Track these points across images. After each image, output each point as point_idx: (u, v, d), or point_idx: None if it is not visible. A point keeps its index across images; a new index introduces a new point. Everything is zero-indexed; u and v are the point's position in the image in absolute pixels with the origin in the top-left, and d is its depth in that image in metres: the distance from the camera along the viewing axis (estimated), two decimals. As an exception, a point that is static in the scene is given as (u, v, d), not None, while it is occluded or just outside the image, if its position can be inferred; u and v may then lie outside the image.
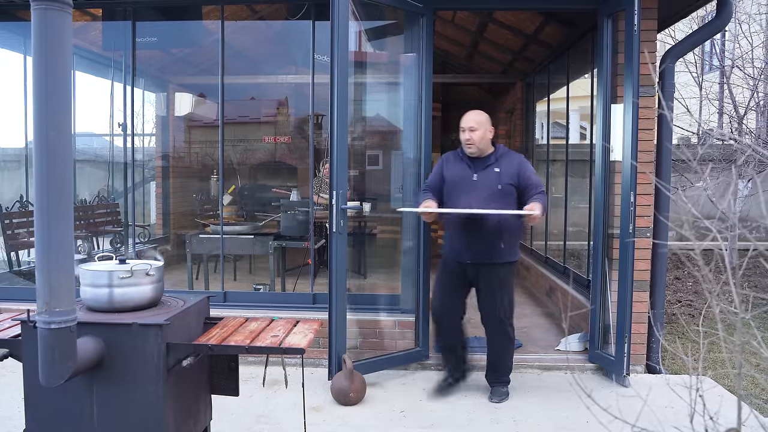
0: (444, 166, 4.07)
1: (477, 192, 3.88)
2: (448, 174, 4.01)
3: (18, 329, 2.42)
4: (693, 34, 4.68)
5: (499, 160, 3.95)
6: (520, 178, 3.88)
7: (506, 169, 3.90)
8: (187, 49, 7.24)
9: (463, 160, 4.01)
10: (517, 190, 3.89)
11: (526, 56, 7.78)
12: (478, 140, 3.90)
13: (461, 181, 3.95)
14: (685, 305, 6.79)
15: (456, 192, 3.95)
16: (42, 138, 1.90)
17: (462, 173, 3.97)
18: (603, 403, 1.73)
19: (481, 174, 3.92)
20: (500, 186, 3.87)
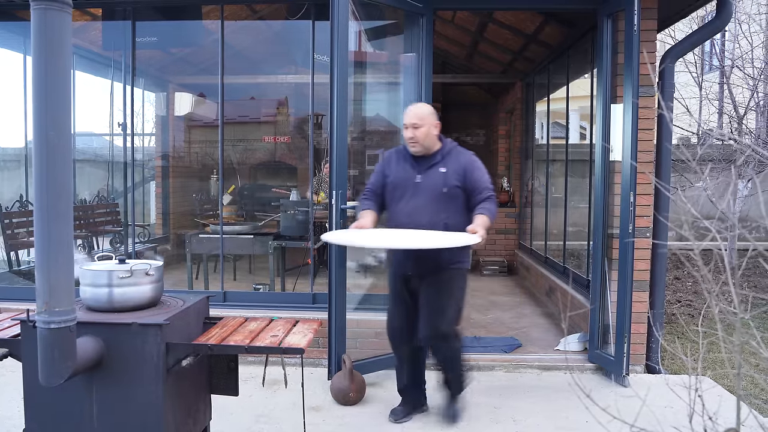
0: (386, 166, 3.67)
1: (420, 196, 3.50)
2: (390, 175, 3.61)
3: (18, 329, 2.42)
4: (693, 34, 4.68)
5: (445, 158, 3.55)
6: (467, 178, 3.51)
7: (453, 169, 3.51)
8: (187, 49, 7.24)
9: (407, 159, 3.60)
10: (464, 192, 3.53)
11: (526, 56, 7.78)
12: (422, 137, 3.49)
13: (403, 184, 3.55)
14: (684, 305, 6.79)
15: (398, 196, 3.56)
16: (42, 137, 1.90)
17: (404, 174, 3.56)
18: (602, 403, 1.73)
19: (426, 175, 3.52)
20: (446, 189, 3.48)
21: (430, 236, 3.33)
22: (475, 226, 3.31)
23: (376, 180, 3.68)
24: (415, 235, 3.38)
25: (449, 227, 3.44)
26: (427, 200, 3.47)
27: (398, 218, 3.54)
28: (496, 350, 4.91)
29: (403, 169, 3.58)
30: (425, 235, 3.35)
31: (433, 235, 3.34)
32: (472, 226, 3.31)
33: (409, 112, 3.54)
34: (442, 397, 3.78)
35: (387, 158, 3.70)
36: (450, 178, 3.48)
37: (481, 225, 3.32)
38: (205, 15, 5.66)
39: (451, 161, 3.53)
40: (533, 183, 8.26)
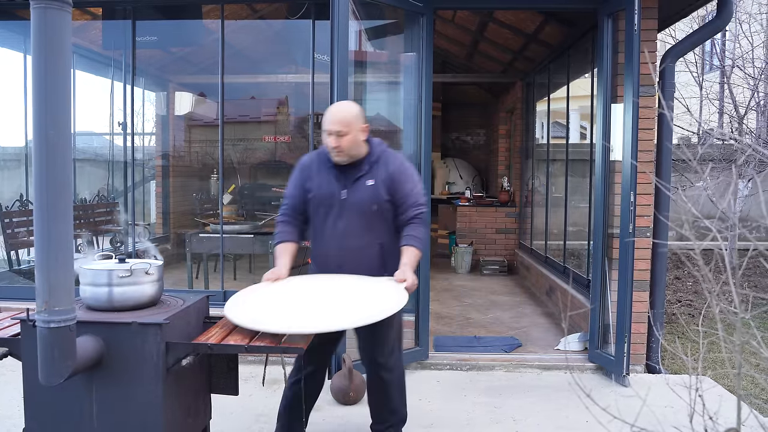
0: (306, 177, 3.04)
1: (348, 215, 2.93)
2: (312, 189, 3.00)
3: (17, 328, 2.42)
4: (693, 34, 4.68)
5: (373, 167, 2.96)
6: (395, 191, 2.95)
7: (381, 180, 2.95)
8: (187, 48, 7.24)
9: (330, 169, 2.97)
10: (393, 206, 2.98)
11: (527, 56, 7.78)
12: (347, 146, 2.88)
13: (328, 201, 2.96)
14: (685, 305, 6.79)
15: (322, 214, 2.99)
16: (41, 137, 1.90)
17: (328, 189, 2.96)
18: (602, 403, 1.72)
19: (352, 190, 2.94)
20: (376, 206, 2.93)
21: (354, 298, 2.70)
22: (404, 270, 2.81)
23: (295, 194, 3.06)
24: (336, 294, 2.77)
25: (384, 248, 2.98)
26: (356, 220, 2.93)
27: (326, 243, 3.00)
28: (496, 350, 4.91)
29: (327, 182, 2.97)
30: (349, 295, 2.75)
31: (359, 293, 2.76)
32: (400, 273, 2.80)
33: (330, 116, 2.88)
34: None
35: (306, 167, 3.07)
36: (379, 192, 2.94)
37: (409, 266, 2.83)
38: (205, 14, 5.66)
39: (380, 170, 2.96)
40: (533, 182, 8.26)
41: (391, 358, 3.09)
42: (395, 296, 2.67)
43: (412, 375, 4.52)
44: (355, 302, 2.66)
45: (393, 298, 2.65)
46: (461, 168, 11.33)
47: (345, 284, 2.87)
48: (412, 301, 4.71)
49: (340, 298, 2.73)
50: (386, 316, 2.54)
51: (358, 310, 2.57)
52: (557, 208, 6.96)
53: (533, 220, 8.27)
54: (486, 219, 9.20)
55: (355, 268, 2.94)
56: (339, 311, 2.57)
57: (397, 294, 2.69)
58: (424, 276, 4.65)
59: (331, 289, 2.83)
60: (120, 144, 5.99)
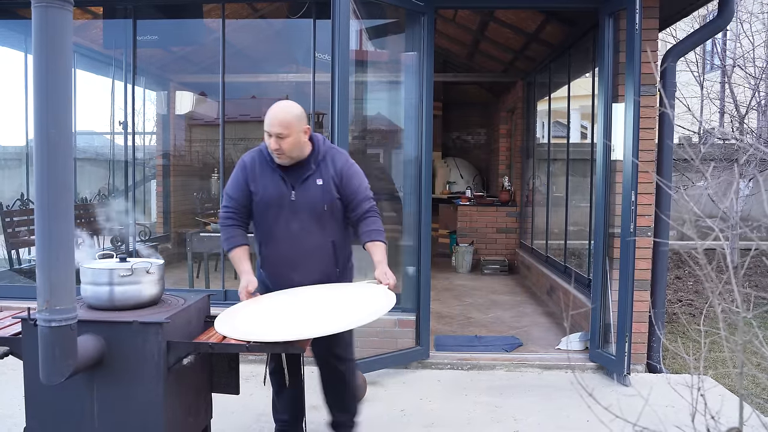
0: (249, 178, 2.95)
1: (299, 217, 2.90)
2: (258, 191, 2.94)
3: (18, 327, 2.42)
4: (694, 33, 4.68)
5: (320, 166, 2.93)
6: (344, 187, 2.94)
7: (329, 178, 2.93)
8: (188, 48, 7.24)
9: (275, 170, 2.91)
10: (342, 203, 2.97)
11: (527, 55, 7.77)
12: (290, 149, 2.82)
13: (277, 203, 2.91)
14: (686, 304, 6.79)
15: (272, 217, 2.94)
16: (42, 136, 1.90)
17: (276, 191, 2.91)
18: (604, 402, 1.72)
19: (301, 191, 2.90)
20: (326, 206, 2.91)
21: (344, 303, 2.73)
22: (383, 270, 2.83)
23: (238, 195, 2.98)
24: (325, 302, 2.77)
25: (336, 246, 2.99)
26: (308, 221, 2.91)
27: (279, 245, 2.96)
28: (496, 349, 4.91)
29: (273, 183, 2.91)
30: (338, 301, 2.76)
31: (347, 298, 2.79)
32: (380, 274, 2.83)
33: (271, 117, 2.80)
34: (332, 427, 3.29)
35: (249, 167, 2.97)
36: (328, 191, 2.92)
37: (384, 263, 2.86)
38: (206, 13, 5.66)
39: (327, 169, 2.94)
40: (534, 182, 8.26)
41: (348, 350, 3.16)
42: (383, 296, 2.68)
43: (413, 374, 4.52)
44: (347, 306, 2.68)
45: (382, 298, 2.66)
46: (462, 167, 11.33)
47: (330, 293, 2.87)
48: (412, 301, 4.72)
49: (330, 305, 2.73)
50: (380, 316, 2.54)
51: (351, 312, 2.59)
52: (558, 208, 6.96)
53: (534, 220, 8.27)
54: (487, 218, 9.19)
55: (310, 267, 2.95)
56: (333, 316, 2.58)
57: (384, 294, 2.70)
58: (425, 275, 4.65)
59: (318, 298, 2.83)
60: (121, 143, 5.99)
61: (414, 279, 4.72)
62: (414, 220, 4.72)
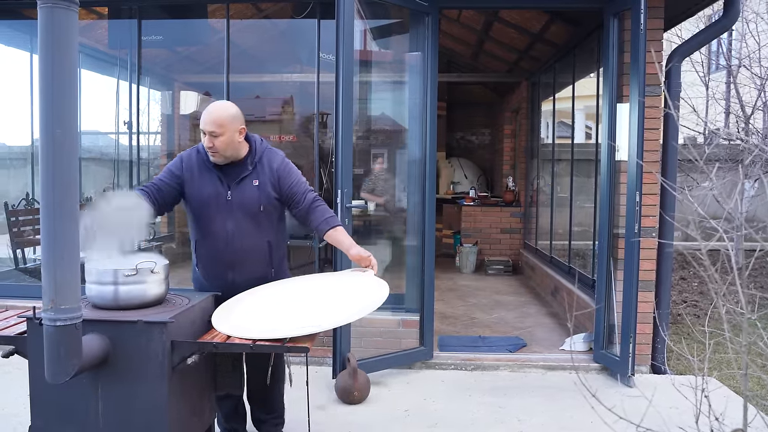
0: (185, 173, 2.96)
1: (235, 217, 2.93)
2: (194, 190, 2.95)
3: (24, 326, 2.42)
4: (700, 33, 4.66)
5: (257, 167, 2.97)
6: (283, 187, 2.99)
7: (266, 179, 2.97)
8: (193, 48, 7.25)
9: (211, 169, 2.93)
10: (281, 202, 3.02)
11: (532, 55, 7.76)
12: (223, 147, 2.84)
13: (214, 202, 2.92)
14: (690, 305, 6.77)
15: (207, 216, 2.95)
16: (48, 135, 1.90)
17: (213, 190, 2.92)
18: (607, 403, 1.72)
19: (237, 191, 2.92)
20: (262, 207, 2.94)
21: (341, 295, 2.74)
22: (357, 251, 2.89)
23: (165, 180, 2.95)
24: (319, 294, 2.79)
25: (272, 247, 3.03)
26: (243, 221, 2.94)
27: (215, 244, 2.97)
28: (500, 350, 4.91)
29: (210, 182, 2.93)
30: (334, 293, 2.78)
31: (341, 289, 2.82)
32: (356, 254, 2.88)
33: (206, 116, 2.83)
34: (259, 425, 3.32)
35: (187, 164, 2.98)
36: (265, 192, 2.96)
37: (355, 243, 2.94)
38: (210, 14, 5.67)
39: (264, 169, 2.98)
40: (538, 182, 8.25)
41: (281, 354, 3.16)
42: (377, 285, 2.72)
43: (417, 374, 4.53)
44: (344, 298, 2.69)
45: (376, 287, 2.70)
46: (466, 168, 11.32)
47: (322, 283, 2.92)
48: (416, 301, 4.73)
49: (326, 297, 2.75)
50: (380, 305, 2.55)
51: (351, 304, 2.60)
52: (562, 208, 6.95)
53: (538, 220, 8.26)
54: (491, 219, 9.19)
55: (246, 267, 2.97)
56: (333, 308, 2.60)
57: (376, 282, 2.74)
58: (429, 276, 4.65)
59: (311, 290, 2.85)
60: (125, 143, 6.00)
61: (418, 279, 4.72)
62: (418, 220, 4.72)
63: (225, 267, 2.97)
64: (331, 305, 2.65)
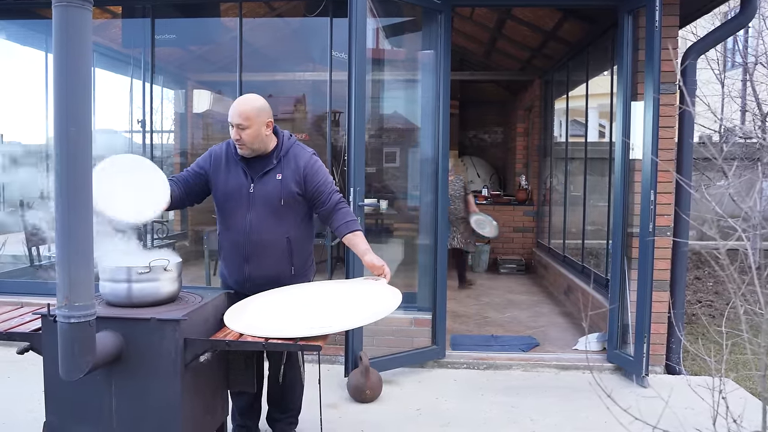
0: (213, 165, 3.03)
1: (256, 209, 2.95)
2: (219, 181, 3.00)
3: (38, 323, 2.44)
4: (715, 31, 4.61)
5: (281, 161, 2.97)
6: (308, 184, 2.98)
7: (290, 174, 2.96)
8: (206, 47, 7.28)
9: (238, 162, 2.98)
10: (305, 200, 3.01)
11: (545, 53, 7.72)
12: (250, 140, 2.87)
13: (237, 194, 2.96)
14: (705, 305, 6.71)
15: (231, 208, 2.99)
16: (62, 134, 1.91)
17: (237, 182, 2.97)
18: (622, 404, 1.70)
19: (259, 184, 2.95)
20: (283, 200, 2.94)
21: (353, 299, 2.77)
22: (371, 258, 2.88)
23: (194, 171, 3.05)
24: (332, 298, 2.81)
25: (291, 242, 3.00)
26: (264, 214, 2.95)
27: (235, 235, 3.00)
28: (513, 349, 4.89)
29: (235, 176, 2.98)
30: (346, 298, 2.80)
31: (353, 294, 2.85)
32: (374, 262, 2.88)
33: (233, 109, 2.88)
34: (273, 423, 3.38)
35: (216, 157, 3.04)
36: (288, 186, 2.95)
37: (371, 251, 2.92)
38: (223, 12, 5.69)
39: (289, 164, 2.98)
40: (551, 181, 8.21)
41: (301, 356, 3.19)
42: (389, 291, 2.73)
43: (429, 373, 4.51)
44: (357, 303, 2.71)
45: (389, 293, 2.71)
46: (479, 166, 11.28)
47: (334, 289, 2.95)
48: (428, 300, 4.71)
49: (338, 301, 2.76)
50: (392, 310, 2.55)
51: (364, 308, 2.62)
52: (576, 207, 6.91)
53: (551, 219, 8.21)
54: (503, 217, 9.15)
55: (262, 260, 2.98)
56: (345, 312, 2.62)
57: (388, 290, 2.75)
58: (441, 275, 4.64)
59: (323, 294, 2.88)
60: (139, 141, 6.04)
61: (430, 278, 4.71)
62: (430, 219, 4.70)
63: (242, 259, 2.99)
64: (343, 309, 2.66)
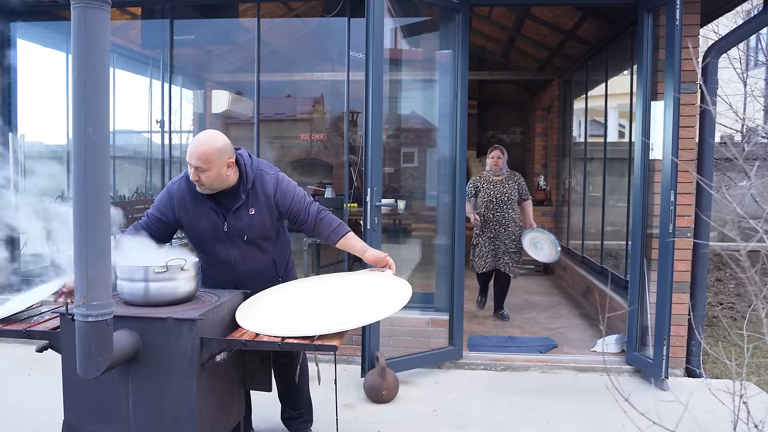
0: (177, 205, 2.89)
1: (236, 246, 2.90)
2: (189, 223, 2.89)
3: (58, 321, 2.46)
4: (738, 29, 4.55)
5: (250, 195, 2.86)
6: (281, 207, 2.91)
7: (262, 204, 2.88)
8: (224, 47, 7.32)
9: (205, 201, 2.85)
10: (281, 220, 2.99)
11: (564, 53, 7.67)
12: (209, 182, 2.74)
13: (212, 234, 2.88)
14: (726, 308, 6.62)
15: (208, 246, 2.93)
16: (80, 135, 1.93)
17: (209, 222, 2.87)
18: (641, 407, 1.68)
19: (233, 220, 2.86)
20: (262, 233, 2.92)
21: (364, 295, 2.74)
22: (372, 252, 2.92)
23: (157, 216, 2.92)
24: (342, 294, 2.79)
25: (277, 263, 3.03)
26: (245, 248, 2.92)
27: (221, 271, 2.98)
28: (531, 350, 4.85)
29: (205, 214, 2.87)
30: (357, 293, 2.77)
31: (363, 289, 2.81)
32: (376, 255, 2.91)
33: (192, 149, 2.71)
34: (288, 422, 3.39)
35: (177, 197, 2.90)
36: (262, 219, 2.89)
37: (368, 246, 2.97)
38: (241, 13, 5.72)
39: (257, 197, 2.88)
40: (570, 181, 8.14)
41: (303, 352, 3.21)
42: (398, 284, 2.74)
43: (446, 374, 4.50)
44: (369, 297, 2.70)
45: (398, 286, 2.71)
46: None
47: (342, 283, 2.92)
48: (445, 300, 4.70)
49: (350, 296, 2.75)
50: (404, 305, 2.56)
51: (377, 302, 2.61)
52: (595, 208, 6.84)
53: (570, 220, 8.15)
54: (521, 218, 9.09)
55: (255, 286, 2.90)
56: (360, 307, 2.61)
57: (396, 281, 2.77)
58: (459, 275, 4.62)
59: (333, 289, 2.86)
60: (158, 141, 6.08)
61: (447, 278, 4.69)
62: (448, 219, 4.69)
63: (232, 287, 2.96)
64: (356, 304, 2.66)
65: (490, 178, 6.04)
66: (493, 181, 6.02)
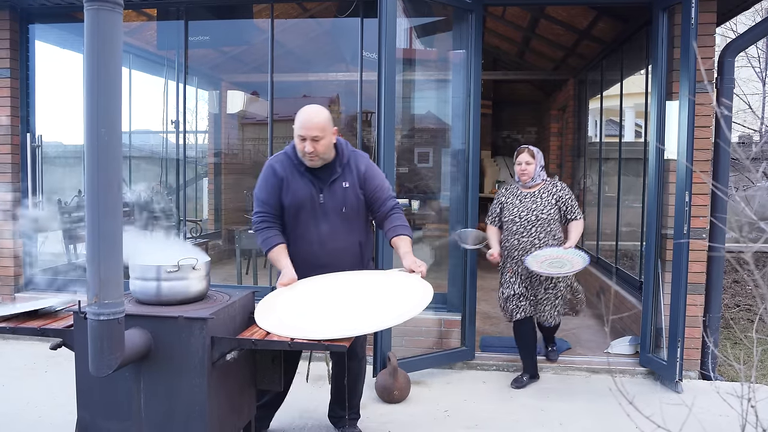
0: (280, 183, 3.03)
1: (327, 218, 3.02)
2: (288, 195, 3.02)
3: (71, 320, 2.49)
4: (755, 27, 4.50)
5: (345, 169, 3.04)
6: (367, 187, 3.06)
7: (354, 181, 3.04)
8: (239, 48, 7.36)
9: (303, 173, 3.00)
10: (364, 201, 3.09)
11: (579, 52, 7.62)
12: (323, 151, 2.92)
13: (308, 205, 3.01)
14: (744, 310, 6.54)
15: (302, 220, 3.04)
16: (93, 135, 1.95)
17: (306, 193, 3.01)
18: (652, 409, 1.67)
19: (329, 193, 3.01)
20: (353, 208, 3.05)
21: (384, 296, 2.76)
22: (411, 259, 2.92)
23: (271, 201, 3.05)
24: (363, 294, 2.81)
25: (362, 246, 3.12)
26: (336, 223, 3.03)
27: (309, 246, 3.05)
28: (544, 352, 4.83)
29: (303, 186, 3.01)
30: (377, 294, 2.79)
31: (384, 290, 2.83)
32: (409, 262, 2.92)
33: (306, 121, 2.87)
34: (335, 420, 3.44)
35: (280, 172, 3.03)
36: (355, 193, 3.04)
37: (412, 254, 2.96)
38: (256, 14, 5.74)
39: (352, 172, 3.04)
40: (585, 181, 8.09)
41: (364, 348, 3.35)
42: (420, 286, 2.74)
43: (458, 375, 4.49)
44: (387, 300, 2.70)
45: (420, 290, 2.70)
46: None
47: (365, 282, 2.92)
48: (458, 301, 4.69)
49: (369, 297, 2.77)
50: (422, 309, 2.55)
51: (394, 307, 2.60)
52: (609, 208, 6.79)
53: (585, 220, 8.09)
54: (536, 218, 9.05)
55: (338, 267, 3.02)
56: (376, 311, 2.61)
57: (421, 285, 2.75)
58: (472, 275, 4.62)
59: (355, 288, 2.87)
60: (174, 142, 6.13)
61: (460, 278, 4.69)
62: (461, 219, 4.68)
63: (319, 268, 3.01)
64: (372, 307, 2.65)
65: (517, 191, 4.35)
66: (520, 195, 4.33)
